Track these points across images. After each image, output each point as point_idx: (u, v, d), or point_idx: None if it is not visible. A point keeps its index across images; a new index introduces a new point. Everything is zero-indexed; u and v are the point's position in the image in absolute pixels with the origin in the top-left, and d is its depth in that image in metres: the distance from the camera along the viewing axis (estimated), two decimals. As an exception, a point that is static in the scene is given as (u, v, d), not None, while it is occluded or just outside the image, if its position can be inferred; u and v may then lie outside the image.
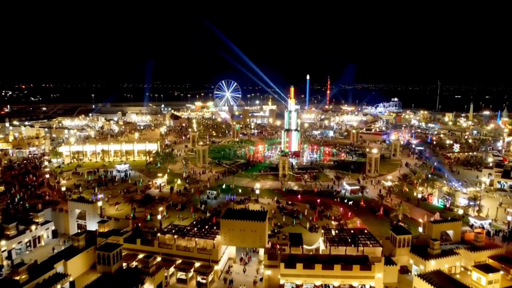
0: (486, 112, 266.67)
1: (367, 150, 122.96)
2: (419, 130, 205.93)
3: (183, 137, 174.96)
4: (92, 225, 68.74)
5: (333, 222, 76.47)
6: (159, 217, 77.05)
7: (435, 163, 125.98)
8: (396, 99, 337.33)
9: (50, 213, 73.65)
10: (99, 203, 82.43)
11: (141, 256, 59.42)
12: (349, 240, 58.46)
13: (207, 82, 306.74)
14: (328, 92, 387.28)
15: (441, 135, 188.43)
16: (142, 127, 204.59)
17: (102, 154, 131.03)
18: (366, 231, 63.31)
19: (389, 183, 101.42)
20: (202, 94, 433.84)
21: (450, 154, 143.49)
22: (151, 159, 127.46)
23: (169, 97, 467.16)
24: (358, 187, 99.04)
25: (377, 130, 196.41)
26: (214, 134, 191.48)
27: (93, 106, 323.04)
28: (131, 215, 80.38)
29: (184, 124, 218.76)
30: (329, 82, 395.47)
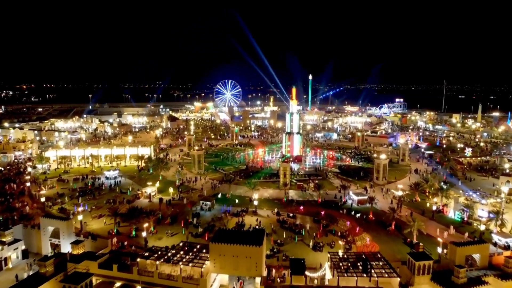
0: (496, 114, 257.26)
1: (375, 155, 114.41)
2: (427, 133, 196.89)
3: (180, 140, 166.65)
4: (66, 245, 60.51)
5: (340, 243, 67.88)
6: (144, 234, 68.80)
7: (448, 170, 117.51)
8: (401, 99, 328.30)
9: (21, 230, 65.40)
10: (80, 217, 74.44)
11: (118, 284, 51.27)
12: (360, 267, 50.03)
13: (209, 82, 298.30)
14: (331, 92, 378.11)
15: (451, 138, 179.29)
16: (137, 129, 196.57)
17: (91, 159, 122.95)
18: (379, 255, 54.78)
19: (399, 193, 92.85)
20: (202, 94, 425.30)
21: (462, 159, 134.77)
22: (144, 164, 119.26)
23: (169, 98, 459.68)
24: (366, 197, 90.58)
25: (383, 132, 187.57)
26: (213, 136, 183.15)
27: (90, 107, 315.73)
28: (115, 231, 72.26)
29: (181, 126, 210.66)
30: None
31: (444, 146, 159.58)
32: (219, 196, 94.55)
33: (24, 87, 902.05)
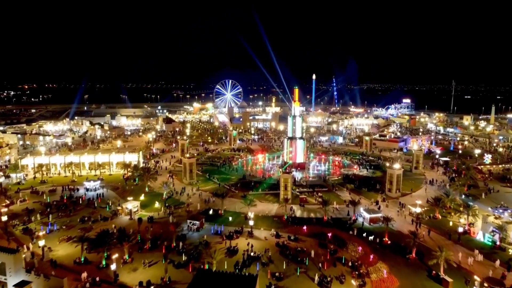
0: (510, 115, 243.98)
1: (387, 165, 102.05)
2: (440, 137, 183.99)
3: (174, 144, 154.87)
4: (14, 283, 48.88)
5: (353, 282, 55.68)
6: (113, 267, 57.00)
7: (468, 179, 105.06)
8: (408, 100, 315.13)
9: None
10: (41, 242, 62.75)
11: None
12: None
13: (213, 81, 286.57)
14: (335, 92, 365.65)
15: (465, 142, 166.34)
16: (129, 133, 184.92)
17: (74, 167, 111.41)
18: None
19: (417, 209, 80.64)
20: (203, 94, 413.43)
21: (482, 166, 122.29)
22: (130, 173, 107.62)
23: (169, 98, 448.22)
24: (379, 215, 78.48)
25: (392, 136, 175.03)
26: (210, 140, 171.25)
27: (85, 108, 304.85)
28: (82, 259, 60.59)
29: (177, 129, 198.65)
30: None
31: (460, 151, 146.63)
32: (211, 212, 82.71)
33: (26, 87, 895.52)
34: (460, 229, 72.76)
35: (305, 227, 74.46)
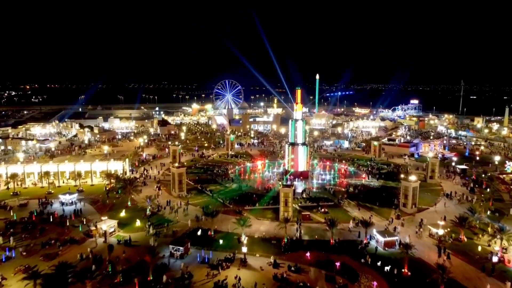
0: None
1: (402, 176, 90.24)
2: (454, 141, 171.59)
3: (167, 149, 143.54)
4: None
5: None
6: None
7: (490, 191, 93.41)
8: (416, 101, 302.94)
9: None
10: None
11: None
12: None
13: (214, 82, 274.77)
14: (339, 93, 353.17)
15: (482, 147, 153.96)
16: (120, 136, 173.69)
17: (52, 176, 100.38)
18: None
19: (440, 231, 69.04)
20: (203, 95, 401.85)
21: (504, 176, 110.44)
22: (113, 184, 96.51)
23: (169, 99, 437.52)
24: (395, 238, 67.03)
25: (401, 140, 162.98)
26: (206, 144, 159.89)
27: (80, 109, 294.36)
28: (34, 301, 49.44)
29: (173, 132, 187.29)
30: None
31: (478, 158, 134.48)
32: (199, 232, 71.41)
33: (27, 87, 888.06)
34: (495, 258, 60.96)
35: (308, 253, 63.02)
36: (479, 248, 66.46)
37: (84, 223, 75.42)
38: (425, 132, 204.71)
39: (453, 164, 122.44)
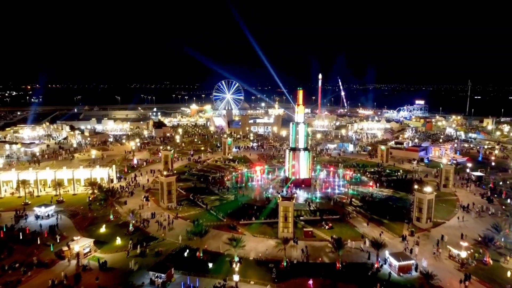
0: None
1: (416, 187, 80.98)
2: (466, 145, 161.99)
3: (160, 154, 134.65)
4: None
5: None
6: None
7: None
8: (421, 101, 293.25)
9: None
10: None
11: None
12: None
13: (215, 81, 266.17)
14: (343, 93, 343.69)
15: (496, 151, 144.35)
16: (112, 139, 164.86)
17: (29, 184, 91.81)
18: None
19: (463, 253, 60.07)
20: (203, 95, 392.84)
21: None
22: (96, 194, 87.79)
23: (169, 99, 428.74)
24: (411, 262, 58.11)
25: (409, 143, 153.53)
26: (203, 148, 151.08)
27: (75, 110, 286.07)
28: None
29: (168, 134, 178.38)
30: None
31: (493, 163, 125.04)
32: (186, 253, 62.71)
33: (28, 87, 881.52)
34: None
35: (311, 281, 54.15)
36: (508, 274, 57.54)
37: (58, 241, 66.88)
38: (433, 134, 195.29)
39: (468, 170, 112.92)
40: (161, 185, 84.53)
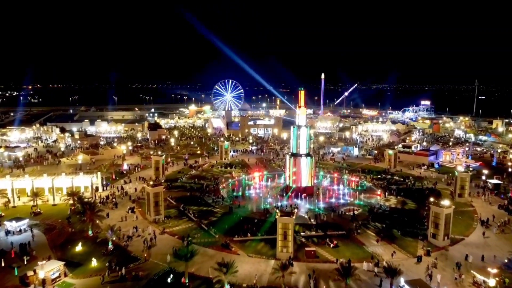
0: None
1: (432, 200, 72.11)
2: (478, 149, 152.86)
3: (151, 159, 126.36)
4: None
5: None
6: None
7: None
8: (427, 102, 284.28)
9: None
10: None
11: None
12: None
13: (216, 81, 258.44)
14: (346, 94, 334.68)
15: (511, 155, 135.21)
16: (104, 142, 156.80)
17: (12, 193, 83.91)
18: None
19: (491, 281, 51.60)
20: (203, 95, 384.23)
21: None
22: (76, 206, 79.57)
23: (169, 99, 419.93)
24: (431, 292, 49.73)
25: (418, 147, 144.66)
26: (199, 152, 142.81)
27: (70, 111, 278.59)
28: None
29: (164, 137, 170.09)
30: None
31: (509, 169, 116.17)
32: (170, 278, 54.45)
33: (30, 87, 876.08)
34: None
35: (314, 317, 45.83)
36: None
37: (26, 262, 58.75)
38: (441, 136, 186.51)
39: (484, 178, 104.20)
40: (148, 196, 76.34)
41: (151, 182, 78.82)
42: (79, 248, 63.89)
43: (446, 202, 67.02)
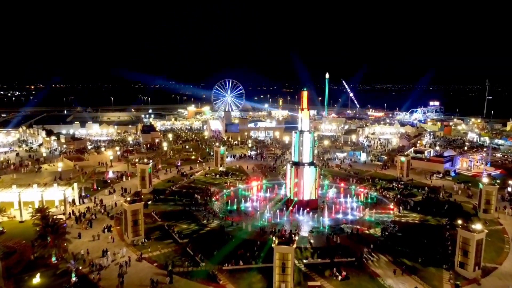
0: None
1: (459, 223, 60.53)
2: (498, 154, 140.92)
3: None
4: None
5: None
6: None
7: None
8: (436, 102, 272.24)
9: None
10: None
11: None
12: None
13: (216, 81, 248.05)
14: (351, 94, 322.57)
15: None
16: (92, 146, 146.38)
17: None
18: None
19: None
20: (203, 96, 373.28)
21: None
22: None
23: (169, 100, 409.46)
24: None
25: (431, 152, 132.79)
26: (193, 157, 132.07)
27: (65, 112, 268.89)
28: None
29: (157, 140, 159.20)
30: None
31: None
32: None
33: (32, 87, 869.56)
34: None
35: None
36: None
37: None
38: (453, 140, 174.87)
39: (509, 189, 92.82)
40: (125, 214, 65.66)
41: (128, 198, 68.06)
42: (36, 280, 53.26)
43: (478, 226, 55.85)
